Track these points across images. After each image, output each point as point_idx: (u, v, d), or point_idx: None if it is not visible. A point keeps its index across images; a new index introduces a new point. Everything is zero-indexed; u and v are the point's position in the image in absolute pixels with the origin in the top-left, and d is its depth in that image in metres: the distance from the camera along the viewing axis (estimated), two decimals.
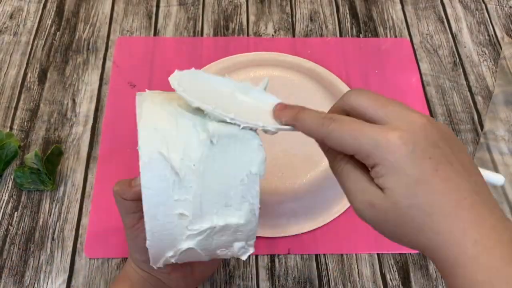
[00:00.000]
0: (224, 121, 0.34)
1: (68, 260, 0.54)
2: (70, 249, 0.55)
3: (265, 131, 0.36)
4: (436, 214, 0.28)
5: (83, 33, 0.73)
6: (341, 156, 0.32)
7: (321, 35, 0.75)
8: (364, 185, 0.31)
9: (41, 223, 0.56)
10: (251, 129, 0.35)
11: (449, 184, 0.29)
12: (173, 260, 0.38)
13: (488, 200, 0.29)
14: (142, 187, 0.35)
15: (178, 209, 0.35)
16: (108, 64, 0.69)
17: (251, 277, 0.54)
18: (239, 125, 0.34)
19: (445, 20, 0.78)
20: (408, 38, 0.75)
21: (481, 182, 0.31)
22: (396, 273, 0.55)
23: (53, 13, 0.75)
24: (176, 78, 0.37)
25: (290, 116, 0.35)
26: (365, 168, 0.31)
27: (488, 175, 0.35)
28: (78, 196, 0.58)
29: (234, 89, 0.38)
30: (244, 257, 0.39)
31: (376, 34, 0.76)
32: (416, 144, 0.29)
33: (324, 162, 0.60)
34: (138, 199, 0.39)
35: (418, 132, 0.29)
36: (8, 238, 0.55)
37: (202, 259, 0.39)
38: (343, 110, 0.33)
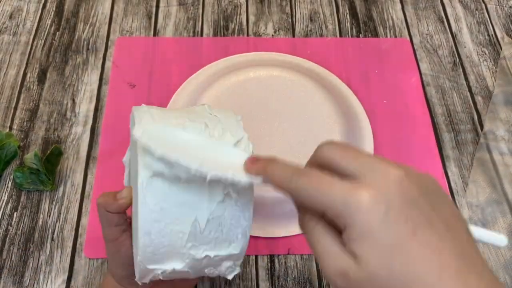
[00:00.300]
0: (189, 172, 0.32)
1: (68, 260, 0.54)
2: (69, 249, 0.55)
3: (233, 184, 0.33)
4: (416, 287, 0.25)
5: (83, 33, 0.72)
6: (311, 214, 0.29)
7: (321, 35, 0.75)
8: (336, 251, 0.27)
9: (40, 223, 0.56)
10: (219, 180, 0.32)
11: (429, 250, 0.25)
12: (160, 277, 0.37)
13: (476, 262, 0.26)
14: (139, 203, 0.34)
15: (176, 227, 0.35)
16: (108, 64, 0.69)
17: (251, 277, 0.54)
18: (205, 176, 0.31)
19: (445, 20, 0.78)
20: (408, 38, 0.75)
21: (467, 239, 0.27)
22: None
23: (52, 13, 0.75)
24: (142, 126, 0.35)
25: (260, 169, 0.31)
26: (337, 230, 0.27)
27: (489, 236, 0.32)
28: (78, 196, 0.58)
29: (205, 141, 0.36)
30: (230, 277, 0.39)
31: (376, 34, 0.76)
32: (390, 204, 0.25)
33: None
34: (122, 212, 0.39)
35: (393, 189, 0.26)
36: (7, 239, 0.55)
37: (188, 277, 0.39)
38: (318, 164, 0.30)
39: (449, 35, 0.76)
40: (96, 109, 0.65)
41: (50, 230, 0.56)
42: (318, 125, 0.61)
